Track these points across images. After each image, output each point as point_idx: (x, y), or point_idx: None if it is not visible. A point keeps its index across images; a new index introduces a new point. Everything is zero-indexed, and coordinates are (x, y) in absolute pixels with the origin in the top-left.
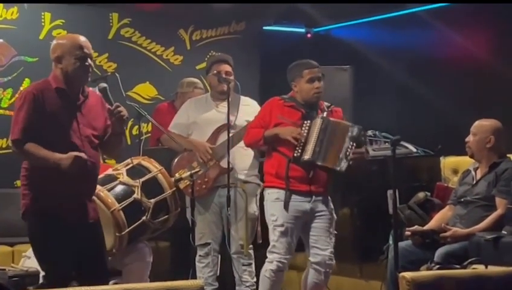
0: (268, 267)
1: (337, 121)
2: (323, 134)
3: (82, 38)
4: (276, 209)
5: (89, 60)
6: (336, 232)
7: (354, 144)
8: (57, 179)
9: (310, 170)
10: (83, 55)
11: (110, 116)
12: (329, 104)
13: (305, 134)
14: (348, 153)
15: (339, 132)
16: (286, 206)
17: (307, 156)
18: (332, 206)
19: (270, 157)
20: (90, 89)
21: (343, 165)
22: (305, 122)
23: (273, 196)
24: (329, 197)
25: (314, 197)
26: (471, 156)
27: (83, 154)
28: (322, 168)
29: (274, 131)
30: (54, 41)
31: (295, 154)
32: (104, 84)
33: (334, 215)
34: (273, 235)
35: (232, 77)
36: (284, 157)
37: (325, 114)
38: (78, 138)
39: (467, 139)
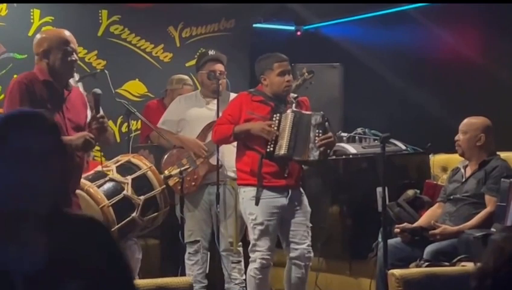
0: (252, 266)
1: (304, 112)
2: (295, 128)
3: (67, 33)
4: (254, 207)
5: (75, 55)
6: (311, 225)
7: (320, 131)
8: None
9: (284, 165)
10: (70, 50)
11: (91, 122)
12: (295, 95)
13: (275, 128)
14: (316, 141)
15: (305, 122)
16: (257, 202)
17: (282, 151)
18: (305, 198)
19: (242, 155)
20: (73, 84)
21: (315, 154)
22: (275, 115)
23: (250, 194)
24: (301, 190)
25: (290, 191)
26: (462, 155)
27: (91, 134)
28: (297, 162)
29: (245, 127)
30: (39, 36)
31: (268, 150)
32: (99, 91)
33: (309, 207)
34: (253, 234)
35: (224, 76)
36: (257, 154)
37: (293, 106)
38: (65, 131)
39: (456, 138)
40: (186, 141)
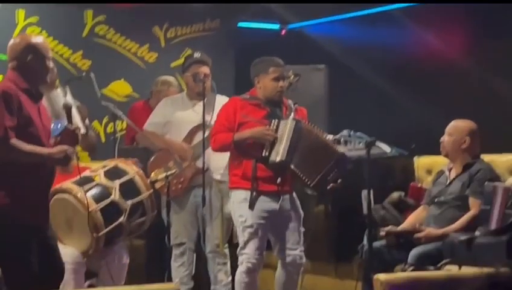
0: (240, 269)
1: (310, 128)
2: (296, 137)
3: (41, 39)
4: (244, 210)
5: (51, 62)
6: (303, 229)
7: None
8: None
9: (278, 171)
10: (47, 56)
11: (64, 134)
12: (294, 102)
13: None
14: (329, 176)
15: (319, 144)
16: (252, 207)
17: (278, 157)
18: (298, 203)
19: (235, 158)
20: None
21: (318, 185)
22: (273, 121)
23: (241, 197)
24: (294, 195)
25: (282, 196)
26: (446, 156)
27: (69, 148)
28: (292, 173)
29: (245, 134)
30: (13, 41)
31: (263, 155)
32: (70, 103)
33: (301, 211)
34: (242, 237)
35: (209, 78)
36: (251, 158)
37: (292, 114)
38: (45, 142)
39: (442, 139)
40: (172, 144)
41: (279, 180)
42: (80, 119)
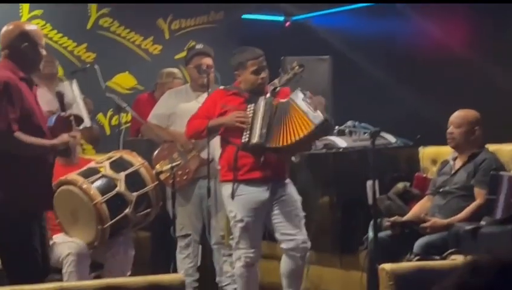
0: (237, 264)
1: (279, 100)
2: (268, 115)
3: (35, 27)
4: (233, 204)
5: (43, 50)
6: (304, 213)
7: (309, 100)
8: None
9: (259, 155)
10: (40, 44)
11: (58, 122)
12: (274, 87)
13: (250, 118)
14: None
15: (279, 109)
16: (232, 196)
17: (254, 139)
18: (293, 189)
19: (223, 151)
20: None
21: (316, 117)
22: (249, 106)
23: (229, 191)
24: (288, 181)
25: (271, 183)
26: (454, 147)
27: (70, 138)
28: (271, 151)
29: (218, 121)
30: (6, 28)
31: (243, 140)
32: (62, 91)
33: (298, 196)
34: (235, 232)
35: (212, 70)
36: (234, 147)
37: (267, 95)
38: (46, 131)
39: (450, 130)
40: (175, 135)
41: (261, 162)
42: (86, 112)
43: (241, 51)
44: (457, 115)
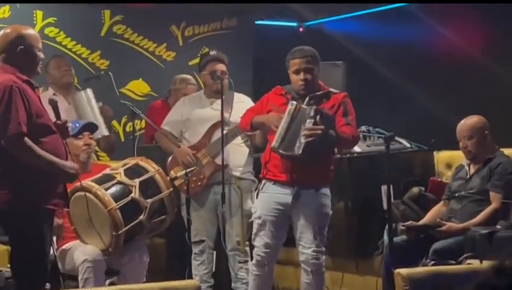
0: (251, 261)
1: (301, 106)
2: (291, 120)
3: (32, 31)
4: (256, 201)
5: (41, 53)
6: (326, 229)
7: (310, 125)
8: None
9: (286, 157)
10: (37, 47)
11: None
12: (332, 91)
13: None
14: (303, 134)
15: (302, 116)
16: (257, 194)
17: (272, 144)
18: (326, 202)
19: (265, 149)
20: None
21: (298, 147)
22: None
23: (258, 186)
24: (322, 191)
25: (295, 188)
26: (473, 159)
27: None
28: (285, 157)
29: (261, 118)
30: (3, 32)
31: (273, 143)
32: (56, 99)
33: (328, 211)
34: (254, 228)
35: (226, 76)
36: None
37: (307, 100)
38: (53, 126)
39: (462, 145)
40: (176, 152)
41: (285, 164)
42: (102, 121)
43: (291, 51)
44: (465, 127)
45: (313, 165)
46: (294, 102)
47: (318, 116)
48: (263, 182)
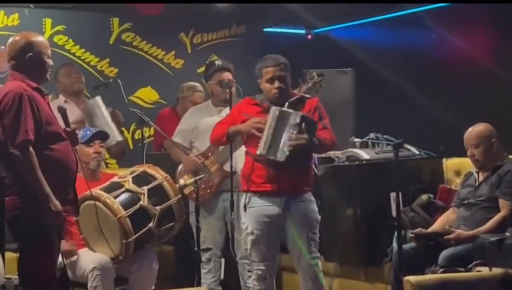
0: (252, 276)
1: (289, 110)
2: (275, 125)
3: (41, 38)
4: (245, 216)
5: (50, 60)
6: (318, 235)
7: (295, 132)
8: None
9: (271, 167)
10: (46, 54)
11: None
12: (299, 96)
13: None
14: (287, 142)
15: (285, 121)
16: (245, 207)
17: (259, 150)
18: (313, 207)
19: (244, 161)
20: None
21: (282, 154)
22: (266, 116)
23: (242, 202)
24: (307, 197)
25: (283, 197)
26: (481, 168)
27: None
28: (271, 164)
29: (236, 127)
30: (13, 40)
31: (257, 151)
32: (64, 106)
33: (316, 215)
34: (247, 244)
35: (234, 83)
36: (251, 157)
37: (286, 105)
38: (63, 133)
39: (470, 153)
40: (184, 161)
41: (272, 173)
42: (114, 127)
43: (262, 59)
44: (472, 135)
45: (296, 173)
46: (278, 107)
47: (303, 124)
48: (248, 195)
